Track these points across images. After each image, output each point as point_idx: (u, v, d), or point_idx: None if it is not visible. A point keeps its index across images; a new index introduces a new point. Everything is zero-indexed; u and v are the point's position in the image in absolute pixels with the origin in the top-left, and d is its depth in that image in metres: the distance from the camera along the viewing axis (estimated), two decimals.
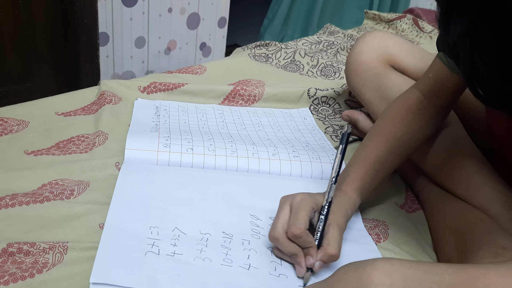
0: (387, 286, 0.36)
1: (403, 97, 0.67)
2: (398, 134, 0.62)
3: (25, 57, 1.24)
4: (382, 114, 0.66)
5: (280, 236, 0.49)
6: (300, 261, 0.49)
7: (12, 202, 0.56)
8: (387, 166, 0.62)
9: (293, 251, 0.50)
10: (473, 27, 0.38)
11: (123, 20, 1.41)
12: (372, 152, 0.61)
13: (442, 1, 0.42)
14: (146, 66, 1.53)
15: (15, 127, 0.73)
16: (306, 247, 0.50)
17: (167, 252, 0.50)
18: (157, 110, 0.83)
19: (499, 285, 0.36)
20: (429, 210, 0.69)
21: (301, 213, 0.49)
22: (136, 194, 0.59)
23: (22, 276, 0.48)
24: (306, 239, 0.49)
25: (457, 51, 0.42)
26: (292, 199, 0.52)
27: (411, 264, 0.38)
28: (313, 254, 0.49)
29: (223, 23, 1.66)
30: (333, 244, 0.49)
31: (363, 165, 0.59)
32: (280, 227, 0.50)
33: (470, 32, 0.39)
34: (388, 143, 0.62)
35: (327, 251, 0.49)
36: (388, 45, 0.79)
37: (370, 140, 0.63)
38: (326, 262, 0.49)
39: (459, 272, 0.37)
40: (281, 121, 0.87)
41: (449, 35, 0.42)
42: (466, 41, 0.40)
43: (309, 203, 0.51)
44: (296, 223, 0.49)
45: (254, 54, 1.14)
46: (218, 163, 0.68)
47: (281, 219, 0.50)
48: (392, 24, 1.41)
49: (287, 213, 0.51)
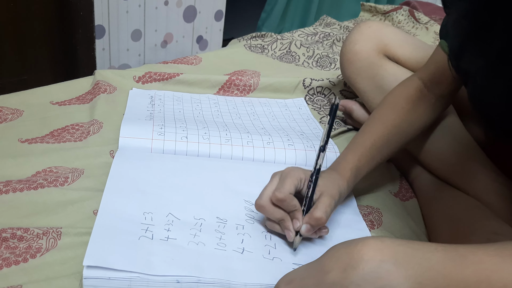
0: (377, 262, 0.36)
1: (404, 85, 0.67)
2: (397, 121, 0.63)
3: (21, 50, 1.23)
4: (382, 102, 0.66)
5: (265, 204, 0.51)
6: (288, 225, 0.51)
7: (6, 188, 0.56)
8: (384, 152, 0.62)
9: (279, 216, 0.51)
10: (489, 68, 0.38)
11: (119, 12, 1.40)
12: (370, 137, 0.61)
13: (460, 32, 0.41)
14: (143, 59, 1.53)
15: (10, 115, 0.73)
16: (292, 211, 0.51)
17: (161, 236, 0.50)
18: (152, 99, 0.83)
19: (487, 262, 0.36)
20: (423, 197, 0.70)
21: (287, 180, 0.51)
22: (130, 180, 0.59)
23: (15, 261, 0.48)
24: (290, 202, 0.50)
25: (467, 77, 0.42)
26: (282, 171, 0.53)
27: (401, 242, 0.38)
28: (299, 218, 0.51)
29: (220, 16, 1.66)
30: (320, 208, 0.50)
31: (359, 148, 0.60)
32: (266, 195, 0.51)
33: (485, 71, 0.39)
34: (386, 129, 0.62)
35: (313, 214, 0.50)
36: (382, 34, 0.79)
37: (368, 126, 0.63)
38: (313, 225, 0.50)
39: (448, 250, 0.37)
40: (276, 110, 0.87)
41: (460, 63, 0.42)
42: (477, 79, 0.40)
43: (297, 173, 0.52)
44: (280, 189, 0.50)
45: (250, 45, 1.14)
46: (213, 151, 0.68)
47: (268, 189, 0.52)
48: (389, 15, 1.41)
49: (275, 183, 0.52)
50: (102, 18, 1.38)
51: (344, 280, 0.37)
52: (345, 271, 0.37)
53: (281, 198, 0.50)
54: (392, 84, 0.73)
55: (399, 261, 0.36)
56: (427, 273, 0.36)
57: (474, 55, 0.40)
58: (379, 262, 0.36)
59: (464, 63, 0.42)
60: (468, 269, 0.36)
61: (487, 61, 0.38)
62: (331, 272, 0.38)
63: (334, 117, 0.49)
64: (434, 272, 0.36)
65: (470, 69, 0.41)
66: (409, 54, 0.78)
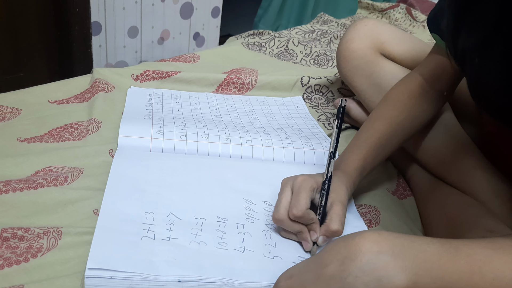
0: (375, 254, 0.37)
1: (405, 81, 0.67)
2: (400, 118, 0.63)
3: (16, 47, 1.23)
4: (384, 98, 0.67)
5: (283, 218, 0.51)
6: (306, 237, 0.52)
7: (6, 188, 0.56)
8: (387, 149, 0.63)
9: (297, 229, 0.52)
10: (485, 43, 0.38)
11: (115, 9, 1.40)
12: (373, 134, 0.61)
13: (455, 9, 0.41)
14: (139, 56, 1.52)
15: (8, 114, 0.72)
16: (309, 224, 0.52)
17: (163, 236, 0.50)
18: (150, 98, 0.83)
19: (480, 254, 0.37)
20: (420, 196, 0.70)
21: (302, 194, 0.51)
22: (130, 179, 0.59)
23: (16, 260, 0.48)
24: (308, 217, 0.51)
25: (464, 61, 0.42)
26: (293, 181, 0.53)
27: (398, 235, 0.39)
28: (316, 230, 0.52)
29: (216, 12, 1.65)
30: (335, 220, 0.51)
31: (363, 146, 0.60)
32: (283, 209, 0.51)
33: (481, 48, 0.39)
34: (390, 126, 0.62)
35: (329, 227, 0.51)
36: (379, 32, 0.79)
37: (371, 123, 0.63)
38: (329, 237, 0.51)
39: (443, 243, 0.39)
40: (274, 109, 0.87)
41: (457, 45, 0.42)
42: (475, 58, 0.40)
43: (310, 184, 0.52)
44: (297, 205, 0.50)
45: (248, 42, 1.14)
46: (212, 150, 0.68)
47: (283, 202, 0.52)
48: (386, 13, 1.41)
49: (289, 194, 0.52)
50: (99, 14, 1.37)
51: (343, 272, 0.38)
52: (343, 263, 0.38)
53: (299, 216, 0.50)
54: (388, 82, 0.73)
55: (396, 253, 0.37)
56: (423, 264, 0.37)
57: (471, 30, 0.40)
58: (377, 253, 0.37)
59: (461, 43, 0.42)
60: (462, 261, 0.37)
61: (483, 35, 0.39)
62: (329, 265, 0.39)
63: (342, 119, 0.49)
64: (429, 264, 0.37)
65: (467, 47, 0.41)
66: (405, 52, 0.78)
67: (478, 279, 0.37)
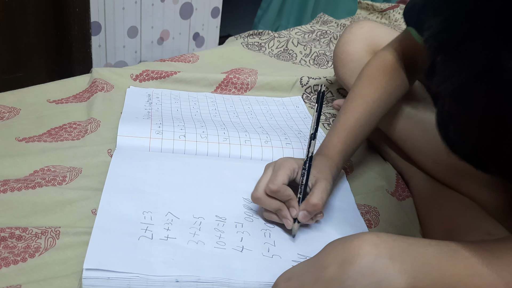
0: (373, 257, 0.37)
1: (380, 56, 0.68)
2: (376, 94, 0.63)
3: (16, 47, 1.22)
4: (360, 75, 0.67)
5: (260, 195, 0.52)
6: (285, 214, 0.52)
7: (4, 188, 0.56)
8: (367, 128, 0.63)
9: (275, 206, 0.52)
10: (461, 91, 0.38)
11: (115, 9, 1.39)
12: (352, 115, 0.62)
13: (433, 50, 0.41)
14: (139, 56, 1.52)
15: (6, 114, 0.72)
16: (287, 200, 0.52)
17: (161, 236, 0.50)
18: (150, 98, 0.83)
19: (479, 256, 0.37)
20: (418, 197, 0.70)
21: (280, 171, 0.52)
22: (129, 179, 0.59)
23: (14, 260, 0.48)
24: (284, 192, 0.51)
25: (436, 99, 0.42)
26: (275, 162, 0.54)
27: (396, 237, 0.39)
28: (295, 206, 0.52)
29: (216, 13, 1.65)
30: (316, 194, 0.51)
31: (343, 129, 0.60)
32: (261, 187, 0.52)
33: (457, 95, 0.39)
34: (367, 104, 0.62)
35: (309, 201, 0.51)
36: (375, 35, 0.79)
37: (349, 104, 0.64)
38: (309, 211, 0.51)
39: (442, 245, 0.38)
40: (273, 109, 0.87)
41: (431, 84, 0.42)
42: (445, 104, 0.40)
43: (289, 163, 0.53)
44: (273, 180, 0.51)
45: (247, 43, 1.14)
46: (211, 150, 0.68)
47: (262, 181, 0.53)
48: (385, 14, 1.41)
49: (269, 175, 0.53)
50: (98, 14, 1.37)
51: (341, 275, 0.37)
52: (342, 266, 0.38)
53: (274, 190, 0.51)
54: None
55: (394, 256, 0.37)
56: (422, 267, 0.37)
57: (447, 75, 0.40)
58: (375, 256, 0.37)
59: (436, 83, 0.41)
60: (461, 263, 0.37)
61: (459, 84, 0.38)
62: (328, 267, 0.39)
63: (321, 104, 0.50)
64: (428, 266, 0.37)
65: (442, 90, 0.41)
66: None
67: (477, 281, 0.36)
